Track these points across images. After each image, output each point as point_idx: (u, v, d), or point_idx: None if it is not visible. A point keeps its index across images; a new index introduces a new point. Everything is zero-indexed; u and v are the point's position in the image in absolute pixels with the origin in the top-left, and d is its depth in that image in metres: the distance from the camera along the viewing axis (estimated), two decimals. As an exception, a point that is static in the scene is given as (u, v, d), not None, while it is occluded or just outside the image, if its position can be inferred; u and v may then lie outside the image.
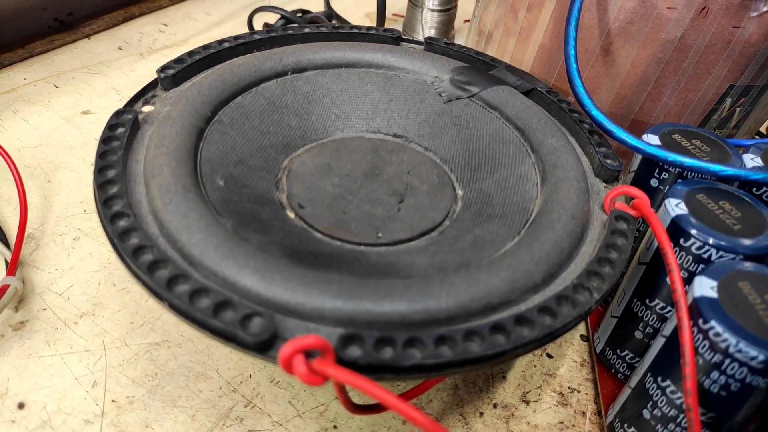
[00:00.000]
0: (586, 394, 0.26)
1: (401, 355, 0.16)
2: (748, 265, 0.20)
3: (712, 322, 0.18)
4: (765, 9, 0.28)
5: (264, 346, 0.16)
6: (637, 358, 0.25)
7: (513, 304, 0.18)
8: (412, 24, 0.47)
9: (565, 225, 0.20)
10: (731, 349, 0.17)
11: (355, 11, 0.53)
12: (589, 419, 0.25)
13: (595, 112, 0.25)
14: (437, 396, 0.25)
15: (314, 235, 0.22)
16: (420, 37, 0.47)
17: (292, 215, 0.23)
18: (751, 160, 0.25)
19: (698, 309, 0.18)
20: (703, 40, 0.29)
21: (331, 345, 0.15)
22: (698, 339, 0.18)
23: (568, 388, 0.26)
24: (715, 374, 0.18)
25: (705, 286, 0.19)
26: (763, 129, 0.45)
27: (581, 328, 0.29)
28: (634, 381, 0.22)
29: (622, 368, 0.25)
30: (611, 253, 0.19)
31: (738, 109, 0.32)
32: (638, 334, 0.24)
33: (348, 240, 0.22)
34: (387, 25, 0.51)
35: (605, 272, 0.19)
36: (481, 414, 0.25)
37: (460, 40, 0.48)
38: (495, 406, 0.25)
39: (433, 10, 0.45)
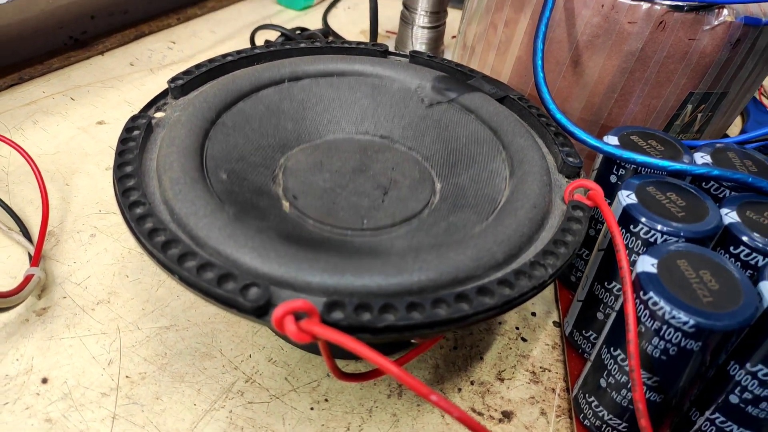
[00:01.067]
0: (557, 373, 0.29)
1: (377, 318, 0.18)
2: (688, 246, 0.22)
3: (651, 293, 0.20)
4: (716, 23, 0.31)
5: (260, 312, 0.18)
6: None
7: (478, 279, 0.21)
8: (404, 40, 0.50)
9: (527, 212, 0.23)
10: (667, 316, 0.20)
11: (351, 28, 0.57)
12: (558, 395, 0.28)
13: (559, 116, 0.27)
14: (419, 374, 0.28)
15: (306, 222, 0.25)
16: (411, 52, 0.50)
17: (287, 205, 0.25)
18: (701, 158, 0.28)
19: (640, 283, 0.21)
20: (662, 52, 0.32)
21: (317, 309, 0.18)
22: (640, 309, 0.21)
23: (540, 367, 0.29)
24: (655, 340, 0.21)
25: (647, 263, 0.21)
26: (735, 132, 0.48)
27: (554, 315, 0.31)
28: (593, 355, 0.25)
29: (588, 348, 0.28)
30: (567, 236, 0.22)
31: (699, 115, 0.35)
32: (600, 315, 0.27)
33: (336, 226, 0.24)
34: (379, 41, 0.54)
35: (560, 252, 0.21)
36: (459, 390, 0.27)
37: (448, 54, 0.51)
38: (472, 383, 0.28)
39: (423, 27, 0.48)
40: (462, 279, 0.20)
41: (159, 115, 0.26)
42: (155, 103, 0.27)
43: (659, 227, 0.23)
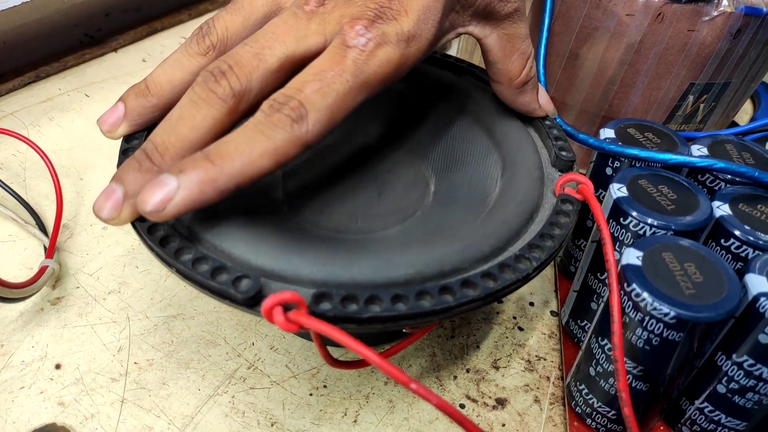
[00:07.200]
0: (552, 361, 0.29)
1: (363, 309, 0.19)
2: (674, 239, 0.22)
3: (634, 285, 0.21)
4: (716, 13, 0.30)
5: (251, 302, 0.19)
6: (593, 328, 0.28)
7: (464, 272, 0.21)
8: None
9: (516, 207, 0.23)
10: (649, 308, 0.20)
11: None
12: (553, 383, 0.28)
13: (552, 109, 0.28)
14: (416, 362, 0.28)
15: (302, 220, 0.25)
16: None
17: (283, 203, 0.26)
18: (698, 150, 0.28)
19: (624, 275, 0.21)
20: (662, 44, 0.32)
21: (305, 300, 0.19)
22: (624, 300, 0.21)
23: (536, 356, 0.29)
24: (639, 330, 0.21)
25: (632, 256, 0.22)
26: (745, 120, 0.47)
27: (552, 305, 0.32)
28: (584, 344, 0.25)
29: (582, 337, 0.28)
30: (554, 229, 0.23)
31: (702, 105, 0.35)
32: (593, 306, 0.27)
33: (331, 225, 0.25)
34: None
35: (546, 245, 0.22)
36: (455, 377, 0.28)
37: (455, 45, 0.52)
38: (468, 370, 0.28)
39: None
40: (448, 272, 0.21)
41: (163, 112, 0.27)
42: (160, 100, 0.28)
43: (649, 220, 0.23)
